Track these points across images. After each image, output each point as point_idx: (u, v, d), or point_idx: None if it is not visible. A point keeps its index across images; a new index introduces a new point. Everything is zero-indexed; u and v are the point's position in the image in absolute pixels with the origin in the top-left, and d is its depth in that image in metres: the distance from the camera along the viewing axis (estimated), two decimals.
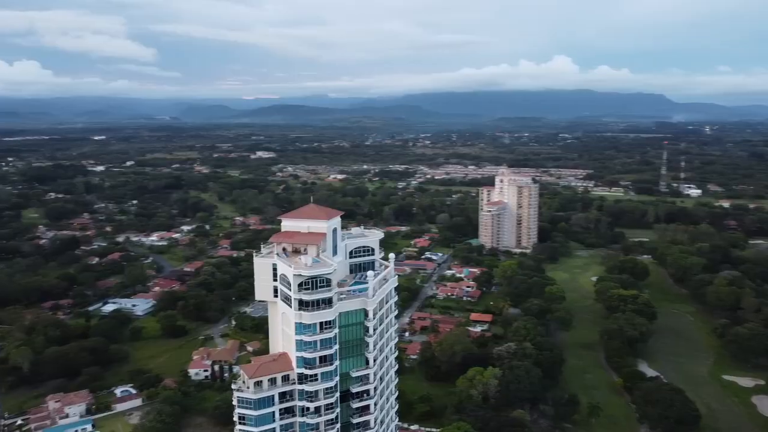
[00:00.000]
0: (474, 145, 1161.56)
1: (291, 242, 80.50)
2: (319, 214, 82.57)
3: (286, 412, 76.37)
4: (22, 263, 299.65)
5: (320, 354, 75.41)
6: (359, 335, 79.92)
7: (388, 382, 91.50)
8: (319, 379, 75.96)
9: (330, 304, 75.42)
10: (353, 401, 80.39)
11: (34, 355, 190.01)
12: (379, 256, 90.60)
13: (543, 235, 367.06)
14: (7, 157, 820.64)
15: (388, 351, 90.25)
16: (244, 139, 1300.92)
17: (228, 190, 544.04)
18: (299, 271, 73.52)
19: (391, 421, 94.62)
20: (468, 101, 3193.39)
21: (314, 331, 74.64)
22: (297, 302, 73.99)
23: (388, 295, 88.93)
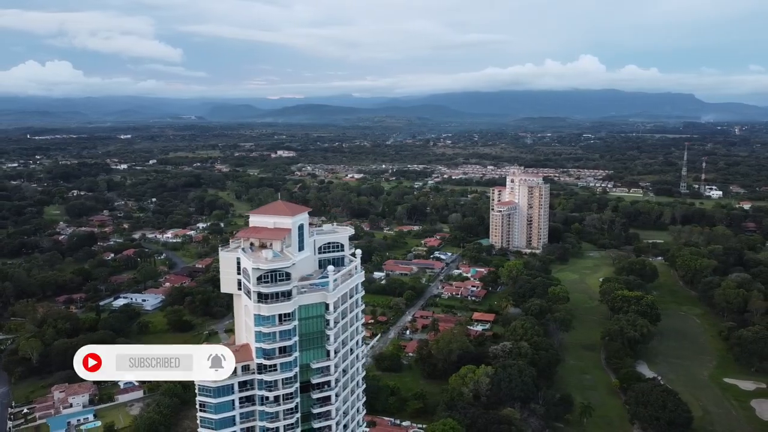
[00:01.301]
0: (495, 145, 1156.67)
1: (257, 237, 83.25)
2: (284, 211, 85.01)
3: (246, 400, 79.19)
4: (40, 258, 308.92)
5: (279, 345, 78.01)
6: (320, 328, 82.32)
7: (354, 375, 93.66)
8: (279, 369, 78.55)
9: (289, 297, 77.94)
10: (314, 392, 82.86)
11: (43, 346, 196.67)
12: (348, 252, 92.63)
13: (555, 235, 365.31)
14: (36, 155, 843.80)
15: (354, 344, 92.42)
16: (267, 138, 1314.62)
17: (245, 189, 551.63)
18: (258, 264, 76.22)
19: (357, 412, 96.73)
20: (492, 101, 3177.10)
21: (273, 323, 77.28)
22: (256, 295, 76.70)
23: (353, 289, 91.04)
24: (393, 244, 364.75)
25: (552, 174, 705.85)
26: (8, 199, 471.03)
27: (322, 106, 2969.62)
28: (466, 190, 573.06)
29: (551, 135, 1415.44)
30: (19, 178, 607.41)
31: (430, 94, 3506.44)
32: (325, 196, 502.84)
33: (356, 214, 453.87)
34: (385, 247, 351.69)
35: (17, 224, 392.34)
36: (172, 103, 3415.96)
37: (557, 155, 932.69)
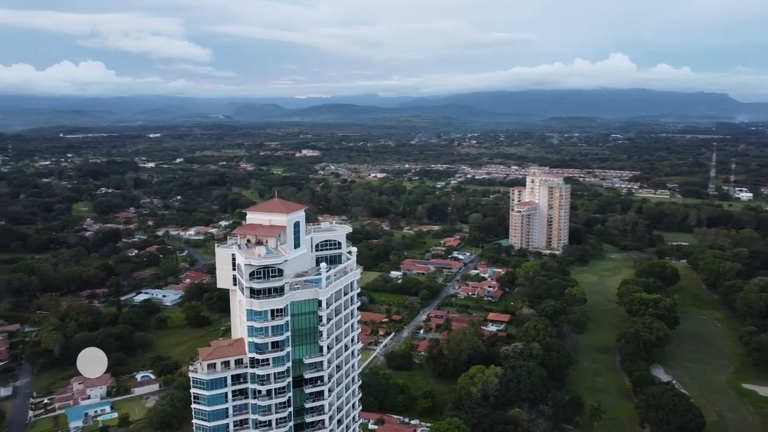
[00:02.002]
0: (521, 145, 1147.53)
1: (253, 234, 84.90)
2: (279, 208, 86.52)
3: (239, 393, 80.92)
4: (66, 254, 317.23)
5: (272, 340, 79.45)
6: (312, 324, 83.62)
7: (348, 371, 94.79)
8: (271, 363, 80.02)
9: (281, 293, 79.37)
10: (306, 386, 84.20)
11: (65, 339, 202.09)
12: (345, 250, 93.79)
13: (575, 236, 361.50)
14: (68, 153, 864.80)
15: (348, 341, 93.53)
16: (293, 137, 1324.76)
17: (268, 188, 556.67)
18: (250, 261, 77.82)
19: (352, 408, 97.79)
20: (519, 100, 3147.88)
21: (265, 318, 78.77)
22: (248, 290, 78.32)
23: (348, 287, 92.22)
24: (412, 244, 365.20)
25: (577, 175, 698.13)
26: (39, 195, 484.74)
27: (348, 106, 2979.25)
28: (489, 190, 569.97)
29: (578, 135, 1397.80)
30: (50, 175, 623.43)
31: (456, 94, 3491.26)
32: (347, 195, 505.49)
33: (377, 214, 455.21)
34: (403, 247, 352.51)
35: (46, 220, 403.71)
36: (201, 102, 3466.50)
37: (583, 156, 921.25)
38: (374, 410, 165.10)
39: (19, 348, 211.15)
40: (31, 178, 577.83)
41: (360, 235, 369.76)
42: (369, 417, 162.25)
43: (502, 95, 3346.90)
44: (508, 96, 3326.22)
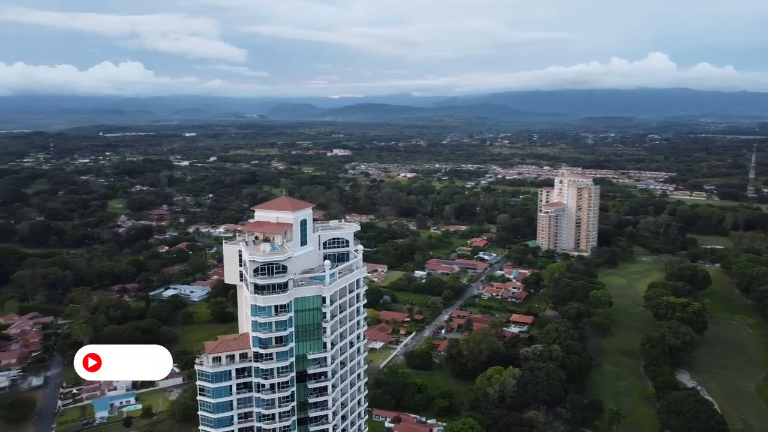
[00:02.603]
0: (554, 145, 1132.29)
1: (261, 231, 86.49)
2: (286, 206, 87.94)
3: (244, 386, 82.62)
4: (99, 249, 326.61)
5: (275, 335, 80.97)
6: (316, 320, 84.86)
7: (354, 368, 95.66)
8: (275, 358, 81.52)
9: (284, 289, 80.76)
10: (310, 382, 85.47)
11: (94, 332, 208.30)
12: (353, 248, 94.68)
13: (605, 238, 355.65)
14: (106, 151, 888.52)
15: (354, 338, 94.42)
16: (325, 137, 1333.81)
17: (297, 186, 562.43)
18: (254, 257, 79.41)
19: (358, 405, 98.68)
20: (555, 100, 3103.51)
21: (269, 314, 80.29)
22: (252, 286, 79.93)
23: (353, 284, 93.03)
24: (438, 244, 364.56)
25: (610, 176, 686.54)
26: (76, 192, 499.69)
27: (382, 105, 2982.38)
28: (519, 190, 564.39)
29: (614, 135, 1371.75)
30: (88, 173, 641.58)
31: (490, 93, 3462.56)
32: (375, 195, 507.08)
33: (404, 213, 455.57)
34: (429, 247, 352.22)
35: (82, 216, 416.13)
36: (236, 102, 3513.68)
37: (618, 156, 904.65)
38: (391, 408, 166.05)
39: (51, 339, 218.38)
40: (70, 176, 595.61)
41: (386, 235, 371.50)
42: (386, 415, 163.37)
43: (537, 95, 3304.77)
44: (543, 96, 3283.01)
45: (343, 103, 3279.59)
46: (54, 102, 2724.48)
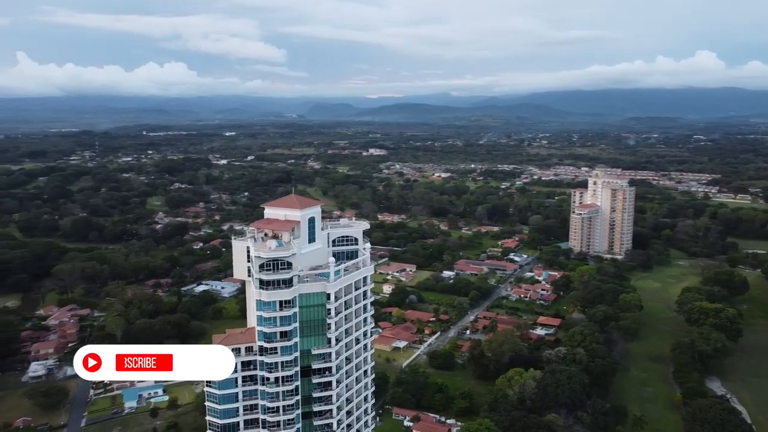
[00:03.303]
0: (594, 146, 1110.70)
1: (270, 228, 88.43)
2: (294, 204, 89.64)
3: (249, 379, 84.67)
4: (136, 245, 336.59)
5: (280, 330, 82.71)
6: (321, 316, 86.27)
7: (360, 364, 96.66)
8: (279, 352, 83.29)
9: (289, 285, 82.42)
10: (315, 377, 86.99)
11: (127, 324, 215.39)
12: (362, 246, 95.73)
13: (640, 241, 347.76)
14: (148, 150, 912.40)
15: (360, 335, 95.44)
16: (362, 136, 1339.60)
17: (331, 185, 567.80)
18: (259, 253, 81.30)
19: (364, 401, 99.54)
20: (596, 100, 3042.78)
21: (273, 309, 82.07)
22: (258, 281, 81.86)
23: (360, 282, 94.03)
24: (468, 244, 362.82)
25: (651, 177, 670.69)
26: (118, 190, 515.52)
27: (420, 105, 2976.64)
28: (555, 191, 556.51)
29: (657, 136, 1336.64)
30: (130, 171, 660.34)
31: (529, 93, 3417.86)
32: (407, 194, 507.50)
33: (436, 213, 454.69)
34: (459, 247, 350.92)
35: (122, 213, 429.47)
36: (276, 102, 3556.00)
37: (660, 158, 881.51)
38: (411, 407, 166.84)
39: (87, 331, 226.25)
40: (112, 173, 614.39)
41: (416, 235, 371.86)
42: (405, 414, 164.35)
43: (578, 94, 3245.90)
44: (584, 95, 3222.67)
45: (381, 103, 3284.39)
46: (101, 102, 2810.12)
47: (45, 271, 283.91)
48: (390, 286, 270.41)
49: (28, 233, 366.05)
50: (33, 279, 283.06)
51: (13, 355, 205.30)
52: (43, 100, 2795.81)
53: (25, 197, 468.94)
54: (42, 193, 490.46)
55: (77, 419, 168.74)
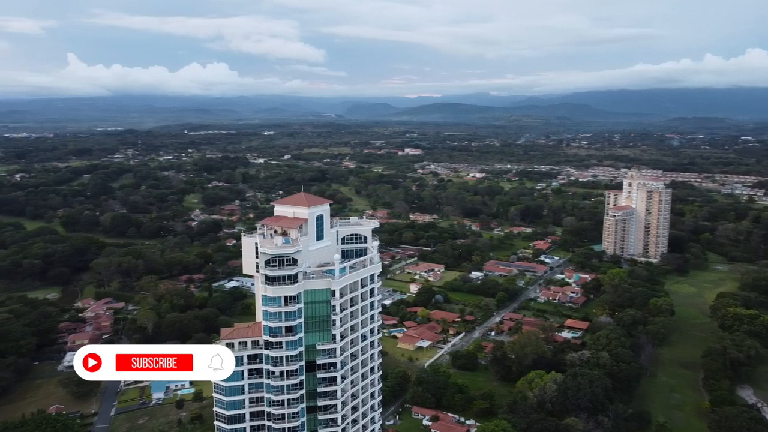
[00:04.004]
0: (636, 146, 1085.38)
1: (279, 225, 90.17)
2: (302, 202, 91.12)
3: (255, 372, 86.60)
4: (171, 241, 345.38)
5: (285, 325, 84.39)
6: (325, 312, 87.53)
7: (366, 361, 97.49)
8: (284, 347, 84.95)
9: (294, 281, 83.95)
10: (319, 372, 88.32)
11: (158, 318, 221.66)
12: (372, 244, 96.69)
13: (677, 244, 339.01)
14: (188, 148, 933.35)
15: (367, 331, 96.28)
16: (398, 136, 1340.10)
17: (365, 185, 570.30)
18: (264, 249, 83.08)
19: (370, 397, 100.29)
20: (640, 100, 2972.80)
21: (278, 304, 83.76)
22: (263, 277, 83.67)
23: (366, 279, 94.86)
24: (499, 245, 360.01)
25: (693, 179, 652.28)
26: (157, 187, 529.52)
27: (458, 105, 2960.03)
28: (591, 193, 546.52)
29: (703, 137, 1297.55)
30: (170, 169, 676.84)
31: (571, 93, 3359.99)
32: (440, 194, 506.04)
33: (468, 213, 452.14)
34: (489, 248, 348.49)
35: (160, 210, 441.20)
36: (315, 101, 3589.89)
37: (704, 159, 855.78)
38: (431, 407, 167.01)
39: (120, 324, 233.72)
40: (153, 171, 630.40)
41: (447, 235, 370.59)
42: (425, 413, 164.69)
43: (621, 94, 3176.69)
44: (628, 95, 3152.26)
45: (420, 103, 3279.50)
46: (146, 101, 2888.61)
47: (84, 265, 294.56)
48: (417, 286, 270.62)
49: (71, 228, 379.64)
50: (73, 272, 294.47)
51: (51, 345, 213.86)
52: (91, 100, 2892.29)
53: (69, 194, 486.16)
54: (85, 190, 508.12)
55: (107, 408, 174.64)
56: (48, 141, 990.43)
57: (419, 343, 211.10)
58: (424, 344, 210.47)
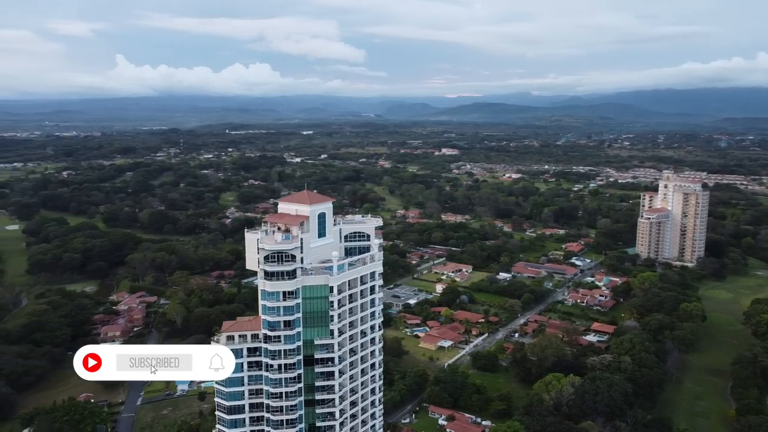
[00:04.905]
0: (681, 148, 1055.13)
1: (282, 222, 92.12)
2: (304, 200, 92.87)
3: (255, 365, 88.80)
4: (205, 238, 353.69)
5: (283, 319, 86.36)
6: (323, 308, 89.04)
7: (366, 357, 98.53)
8: (282, 340, 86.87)
9: (292, 277, 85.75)
10: (317, 366, 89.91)
11: (187, 312, 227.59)
12: (374, 242, 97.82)
13: (716, 248, 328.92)
14: (228, 148, 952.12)
15: (367, 328, 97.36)
16: (436, 136, 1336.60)
17: (398, 184, 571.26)
18: (263, 245, 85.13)
19: (371, 393, 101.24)
20: (688, 100, 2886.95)
21: (277, 299, 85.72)
22: (262, 272, 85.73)
23: (367, 276, 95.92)
24: (529, 247, 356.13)
25: (739, 181, 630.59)
26: (195, 185, 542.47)
27: (498, 105, 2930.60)
28: (630, 195, 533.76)
29: (753, 138, 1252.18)
30: (209, 167, 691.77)
31: (615, 92, 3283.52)
32: (473, 195, 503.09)
33: (501, 214, 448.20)
34: (520, 249, 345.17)
35: (196, 207, 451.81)
36: (355, 101, 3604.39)
37: (752, 161, 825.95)
38: (447, 406, 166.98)
39: (151, 317, 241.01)
40: (192, 170, 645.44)
41: (477, 236, 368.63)
42: (441, 413, 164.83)
43: (668, 94, 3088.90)
44: (675, 94, 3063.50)
45: (459, 103, 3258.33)
46: (191, 101, 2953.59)
47: (121, 259, 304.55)
48: (442, 286, 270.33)
49: (111, 224, 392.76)
50: (110, 267, 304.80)
51: (85, 336, 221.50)
52: (138, 100, 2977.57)
53: (111, 190, 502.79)
54: (127, 187, 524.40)
55: (134, 398, 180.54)
56: (95, 140, 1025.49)
57: (441, 342, 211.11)
58: (445, 344, 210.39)
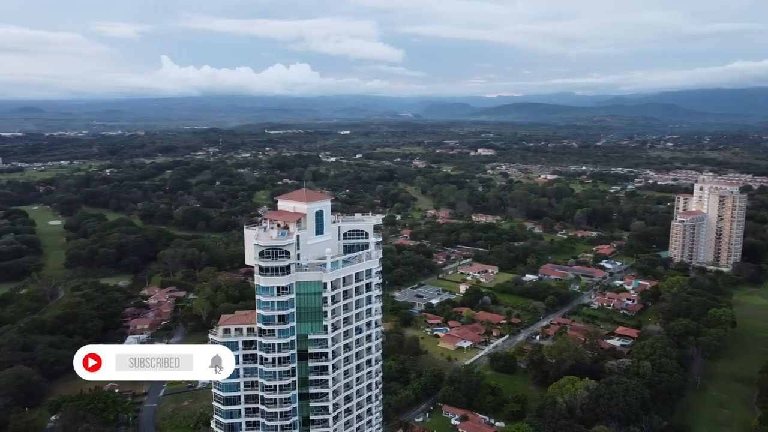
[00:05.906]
0: (727, 149, 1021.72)
1: (281, 219, 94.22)
2: (302, 197, 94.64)
3: (250, 358, 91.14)
4: (236, 235, 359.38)
5: (277, 314, 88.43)
6: (317, 304, 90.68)
7: (362, 353, 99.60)
8: (276, 334, 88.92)
9: (286, 272, 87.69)
10: (311, 360, 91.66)
11: (212, 307, 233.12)
12: (373, 240, 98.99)
13: (754, 253, 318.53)
14: (266, 147, 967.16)
15: (363, 324, 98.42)
16: (473, 136, 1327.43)
17: (430, 184, 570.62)
18: (257, 241, 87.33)
19: (367, 389, 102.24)
20: (737, 99, 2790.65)
21: (271, 294, 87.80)
22: (257, 267, 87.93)
23: (363, 273, 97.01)
24: (559, 249, 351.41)
25: None
26: (230, 183, 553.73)
27: (539, 105, 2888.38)
28: (668, 197, 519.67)
29: None
30: (246, 166, 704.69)
31: (660, 92, 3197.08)
32: (505, 195, 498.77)
33: (533, 216, 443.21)
34: (548, 251, 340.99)
35: (230, 205, 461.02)
36: (394, 101, 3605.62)
37: None
38: (462, 407, 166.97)
39: (179, 311, 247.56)
40: (229, 168, 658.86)
41: (506, 237, 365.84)
42: (455, 412, 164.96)
43: (716, 93, 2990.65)
44: (723, 94, 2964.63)
45: (499, 102, 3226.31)
46: (233, 101, 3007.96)
47: (153, 255, 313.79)
48: (466, 287, 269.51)
49: (147, 220, 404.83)
50: (143, 262, 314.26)
51: (115, 328, 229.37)
52: (182, 100, 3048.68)
53: (149, 188, 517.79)
54: (165, 185, 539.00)
55: (157, 389, 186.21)
56: (139, 139, 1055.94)
57: (460, 343, 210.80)
58: (464, 344, 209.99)
